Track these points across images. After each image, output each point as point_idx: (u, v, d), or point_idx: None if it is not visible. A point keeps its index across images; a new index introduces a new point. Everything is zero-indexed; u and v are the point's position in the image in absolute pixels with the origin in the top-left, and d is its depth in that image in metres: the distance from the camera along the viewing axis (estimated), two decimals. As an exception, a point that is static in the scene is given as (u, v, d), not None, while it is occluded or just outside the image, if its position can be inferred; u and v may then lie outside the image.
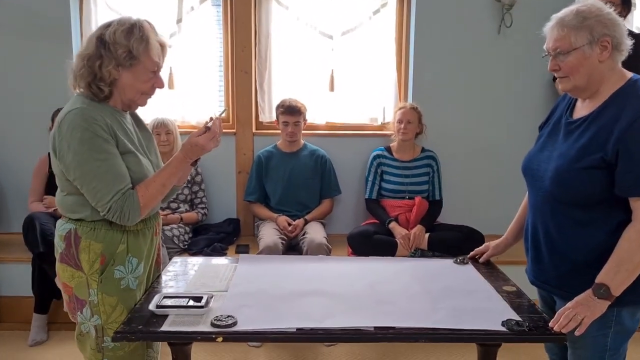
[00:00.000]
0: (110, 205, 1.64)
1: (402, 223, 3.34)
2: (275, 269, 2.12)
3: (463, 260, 2.18)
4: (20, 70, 3.62)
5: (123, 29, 1.68)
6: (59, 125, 1.65)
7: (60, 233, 1.74)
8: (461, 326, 1.61)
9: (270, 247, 3.10)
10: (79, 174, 1.63)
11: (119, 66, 1.68)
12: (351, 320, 1.64)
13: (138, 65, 1.70)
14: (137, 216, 1.69)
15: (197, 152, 1.77)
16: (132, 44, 1.67)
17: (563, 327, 1.58)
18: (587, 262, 1.66)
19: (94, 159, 1.62)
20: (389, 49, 3.77)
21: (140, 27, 1.70)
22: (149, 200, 1.71)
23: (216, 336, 1.57)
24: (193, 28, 3.72)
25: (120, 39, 1.67)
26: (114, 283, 1.73)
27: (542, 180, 1.74)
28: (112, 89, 1.71)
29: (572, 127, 1.71)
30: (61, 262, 1.73)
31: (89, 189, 1.64)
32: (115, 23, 1.70)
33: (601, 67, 1.63)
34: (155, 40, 1.74)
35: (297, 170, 3.51)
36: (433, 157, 3.52)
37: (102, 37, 1.68)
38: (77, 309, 1.73)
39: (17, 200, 3.67)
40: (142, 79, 1.73)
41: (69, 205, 1.72)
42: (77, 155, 1.62)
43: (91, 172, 1.62)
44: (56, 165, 1.71)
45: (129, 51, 1.67)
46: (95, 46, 1.68)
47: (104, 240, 1.71)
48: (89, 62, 1.67)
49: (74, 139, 1.62)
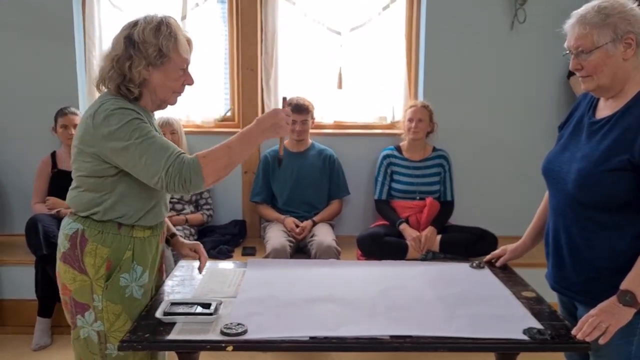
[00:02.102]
0: (167, 169, 1.56)
1: (413, 224, 3.29)
2: (285, 274, 2.09)
3: (479, 265, 2.14)
4: (23, 69, 3.59)
5: (151, 27, 1.65)
6: (92, 118, 1.61)
7: (66, 232, 1.69)
8: (481, 335, 1.58)
9: (277, 250, 3.05)
10: (125, 156, 1.59)
11: (149, 66, 1.66)
12: (365, 328, 1.61)
13: (169, 64, 1.68)
14: (201, 180, 1.60)
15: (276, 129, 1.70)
16: (161, 41, 1.65)
17: (587, 335, 1.54)
18: (612, 267, 1.61)
19: (135, 137, 1.58)
20: (398, 45, 3.72)
21: (167, 24, 1.67)
22: (211, 162, 1.62)
23: (226, 345, 1.53)
24: (198, 25, 3.68)
25: (150, 37, 1.64)
26: (119, 291, 1.68)
27: (564, 182, 1.69)
28: (141, 89, 1.69)
29: (596, 127, 1.66)
30: (64, 262, 1.68)
31: (140, 166, 1.58)
32: (142, 21, 1.67)
33: (625, 66, 1.58)
34: (183, 36, 1.71)
35: (304, 170, 3.45)
36: (444, 156, 3.46)
37: (131, 37, 1.65)
38: (77, 313, 1.68)
39: (20, 201, 3.63)
40: (172, 77, 1.70)
41: (83, 202, 1.67)
42: (119, 139, 1.58)
43: (137, 150, 1.57)
44: (80, 160, 1.65)
45: (159, 49, 1.65)
46: (124, 46, 1.65)
47: (112, 245, 1.67)
48: (118, 63, 1.65)
49: (112, 125, 1.58)
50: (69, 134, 3.36)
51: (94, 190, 1.66)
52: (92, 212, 1.66)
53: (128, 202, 1.67)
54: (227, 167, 1.67)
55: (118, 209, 1.66)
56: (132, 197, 1.67)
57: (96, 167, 1.64)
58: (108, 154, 1.61)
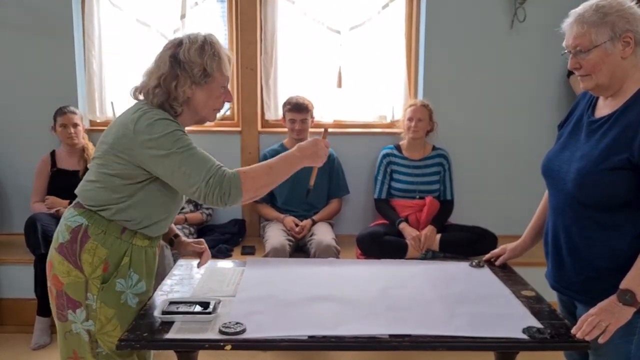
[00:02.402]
0: (207, 180, 1.58)
1: (413, 223, 3.28)
2: (284, 273, 2.09)
3: (479, 264, 2.13)
4: (22, 69, 3.58)
5: (196, 46, 1.68)
6: (134, 123, 1.62)
7: (68, 223, 1.68)
8: (481, 334, 1.57)
9: (277, 249, 3.05)
10: (164, 164, 1.60)
11: (194, 85, 1.69)
12: (365, 327, 1.60)
13: (212, 83, 1.71)
14: (239, 194, 1.61)
15: (314, 158, 1.76)
16: (205, 61, 1.68)
17: (586, 334, 1.54)
18: (611, 267, 1.60)
19: (177, 147, 1.60)
20: (398, 44, 3.72)
21: (211, 43, 1.70)
22: (251, 179, 1.64)
23: (225, 344, 1.52)
24: (197, 24, 3.67)
25: (195, 57, 1.67)
26: (115, 295, 1.67)
27: (563, 182, 1.69)
28: (183, 107, 1.71)
29: (595, 126, 1.66)
30: (60, 253, 1.67)
31: (179, 175, 1.60)
32: (187, 41, 1.70)
33: (624, 64, 1.57)
34: (225, 54, 1.74)
35: (304, 169, 3.39)
36: (444, 155, 3.45)
37: (176, 56, 1.68)
38: (68, 308, 1.67)
39: (19, 200, 3.63)
40: (214, 96, 1.74)
41: (98, 197, 1.66)
42: (161, 147, 1.59)
43: (178, 158, 1.59)
44: (111, 160, 1.65)
45: (204, 69, 1.68)
46: (169, 65, 1.67)
47: (111, 247, 1.66)
48: (165, 82, 1.67)
49: (156, 133, 1.60)
50: (68, 133, 3.36)
51: (113, 190, 1.66)
52: (104, 209, 1.66)
53: (141, 209, 1.68)
54: (265, 186, 1.69)
55: (129, 213, 1.67)
56: (147, 206, 1.68)
57: (126, 170, 1.64)
58: (146, 160, 1.62)
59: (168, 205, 1.74)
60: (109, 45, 3.69)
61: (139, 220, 1.68)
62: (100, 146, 1.70)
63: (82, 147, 3.43)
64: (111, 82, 3.73)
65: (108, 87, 3.73)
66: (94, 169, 1.71)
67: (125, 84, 3.73)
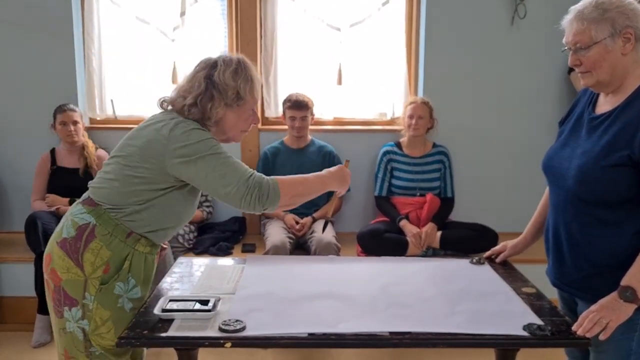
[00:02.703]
0: (246, 180, 1.63)
1: (413, 221, 3.27)
2: (284, 271, 2.08)
3: (479, 261, 2.13)
4: (21, 67, 3.58)
5: (230, 69, 1.72)
6: (169, 130, 1.64)
7: (75, 219, 1.67)
8: (481, 331, 1.57)
9: (277, 246, 3.04)
10: (197, 166, 1.62)
11: (226, 106, 1.73)
12: (365, 324, 1.59)
13: (244, 105, 1.76)
14: (277, 198, 1.66)
15: (341, 183, 1.84)
16: (239, 84, 1.72)
17: (587, 331, 1.53)
18: (612, 264, 1.59)
19: (213, 151, 1.64)
20: (398, 41, 3.71)
21: (244, 67, 1.75)
22: (288, 185, 1.70)
23: (224, 342, 1.52)
24: (197, 21, 3.67)
25: (229, 80, 1.71)
26: (112, 298, 1.67)
27: (564, 178, 1.68)
28: (213, 127, 1.75)
29: (596, 122, 1.65)
30: (62, 248, 1.66)
31: (213, 176, 1.63)
32: (221, 63, 1.73)
33: (625, 60, 1.56)
34: (257, 78, 1.79)
35: (304, 167, 3.43)
36: (444, 152, 3.45)
37: (211, 77, 1.71)
38: (65, 304, 1.66)
39: (20, 198, 3.63)
40: (244, 118, 1.79)
41: (114, 196, 1.66)
42: (195, 151, 1.62)
43: (213, 161, 1.63)
44: (139, 164, 1.65)
45: (237, 92, 1.72)
46: (205, 86, 1.71)
47: (115, 250, 1.66)
48: (202, 102, 1.70)
49: (192, 140, 1.63)
50: (68, 131, 3.35)
51: (133, 193, 1.66)
52: (117, 209, 1.66)
53: (155, 214, 1.69)
54: (299, 195, 1.74)
55: (142, 215, 1.67)
56: (161, 212, 1.70)
57: (152, 175, 1.65)
58: (176, 164, 1.63)
59: (181, 214, 1.76)
60: (108, 42, 3.69)
61: (146, 222, 1.69)
62: (127, 147, 1.70)
63: (82, 144, 3.43)
64: (111, 79, 3.73)
65: (108, 85, 3.72)
66: (115, 168, 1.69)
67: (125, 82, 3.74)
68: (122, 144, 1.73)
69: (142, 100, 3.72)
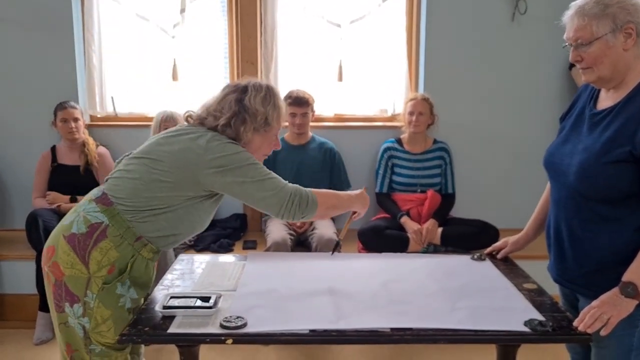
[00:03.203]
0: (288, 189, 1.70)
1: (414, 217, 3.27)
2: (285, 267, 2.08)
3: (480, 257, 2.13)
4: (21, 64, 3.58)
5: (261, 95, 1.77)
6: (207, 141, 1.68)
7: (88, 217, 1.67)
8: (482, 327, 1.57)
9: (278, 243, 3.04)
10: (234, 174, 1.67)
11: (254, 130, 1.77)
12: (366, 321, 1.60)
13: (270, 131, 1.81)
14: (315, 207, 1.74)
15: (363, 205, 1.93)
16: (268, 110, 1.78)
17: (588, 327, 1.53)
18: (613, 260, 1.59)
19: (251, 162, 1.71)
20: (399, 37, 3.70)
21: (272, 94, 1.81)
22: (323, 196, 1.79)
23: (226, 338, 1.52)
24: (197, 18, 3.66)
25: (259, 105, 1.76)
26: (114, 298, 1.67)
27: (565, 175, 1.67)
28: None
29: (597, 118, 1.64)
30: (69, 243, 1.65)
31: (253, 183, 1.68)
32: (252, 89, 1.78)
33: (626, 56, 1.56)
34: (283, 105, 1.86)
35: (305, 164, 3.44)
36: (445, 148, 3.45)
37: (242, 101, 1.76)
38: (66, 300, 1.66)
39: (21, 196, 3.63)
40: (268, 142, 1.84)
41: (137, 196, 1.66)
42: (235, 162, 1.68)
43: (251, 171, 1.69)
44: (170, 171, 1.67)
45: (266, 118, 1.78)
46: (237, 109, 1.75)
47: (123, 252, 1.67)
48: (235, 124, 1.74)
49: (229, 151, 1.69)
50: (69, 128, 3.35)
51: (157, 198, 1.67)
52: (134, 208, 1.66)
53: (170, 218, 1.69)
54: (332, 207, 1.84)
55: (158, 218, 1.68)
56: (178, 220, 1.71)
57: (182, 183, 1.67)
58: (210, 174, 1.66)
59: (195, 224, 1.77)
60: (108, 40, 3.69)
61: (162, 228, 1.70)
62: (156, 151, 1.70)
63: (82, 142, 3.43)
64: (111, 76, 3.73)
65: (108, 82, 3.72)
66: (141, 169, 1.69)
67: (125, 79, 3.73)
68: (149, 147, 1.73)
69: (142, 97, 3.73)
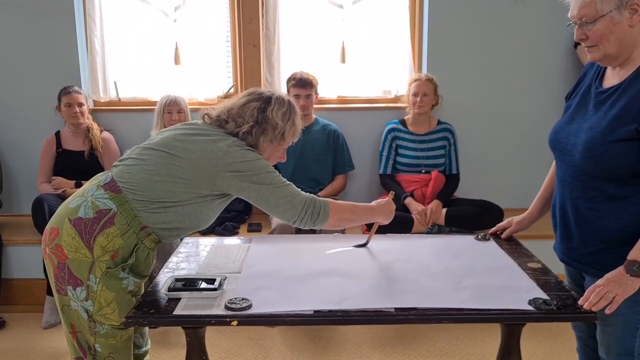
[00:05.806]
0: (304, 197, 1.73)
1: (418, 198, 3.27)
2: (289, 249, 2.08)
3: (485, 237, 2.12)
4: (24, 50, 3.57)
5: (282, 110, 1.80)
6: (227, 145, 1.70)
7: (97, 203, 1.67)
8: (487, 306, 1.56)
9: (282, 225, 3.05)
10: (251, 179, 1.70)
11: (269, 141, 1.81)
12: (370, 301, 1.59)
13: (282, 145, 1.85)
14: (327, 218, 1.76)
15: (387, 217, 1.94)
16: (286, 126, 1.81)
17: (593, 305, 1.52)
18: (619, 238, 1.59)
19: (270, 170, 1.74)
20: (402, 17, 3.65)
21: (292, 110, 1.84)
22: (337, 208, 1.79)
23: (231, 320, 1.52)
24: (198, 0, 3.62)
25: (279, 119, 1.80)
26: (117, 281, 1.68)
27: (571, 154, 1.66)
28: None
29: (603, 97, 1.63)
30: (75, 226, 1.65)
31: (270, 188, 1.71)
32: (275, 101, 1.81)
33: (632, 32, 1.53)
34: (299, 121, 1.87)
35: (309, 146, 3.43)
36: (449, 129, 3.43)
37: (265, 112, 1.79)
38: (69, 283, 1.67)
39: (26, 181, 3.65)
40: (276, 155, 1.88)
41: (154, 188, 1.67)
42: (254, 168, 1.71)
43: (269, 178, 1.72)
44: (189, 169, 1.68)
45: (283, 133, 1.81)
46: (258, 118, 1.78)
47: (127, 240, 1.67)
48: (256, 133, 1.77)
49: (249, 158, 1.72)
50: (73, 112, 3.35)
51: (170, 191, 1.68)
52: (144, 198, 1.67)
53: (179, 212, 1.71)
54: (346, 220, 1.85)
55: (167, 210, 1.69)
56: (186, 215, 1.72)
57: (198, 181, 1.69)
58: (228, 177, 1.69)
59: (202, 220, 1.78)
60: (110, 24, 3.66)
61: (169, 221, 1.70)
62: (175, 147, 1.71)
63: (86, 127, 3.43)
64: (113, 61, 3.71)
65: (110, 67, 3.70)
66: (157, 161, 1.70)
67: (127, 63, 3.71)
68: (167, 141, 1.73)
69: (145, 81, 3.71)
